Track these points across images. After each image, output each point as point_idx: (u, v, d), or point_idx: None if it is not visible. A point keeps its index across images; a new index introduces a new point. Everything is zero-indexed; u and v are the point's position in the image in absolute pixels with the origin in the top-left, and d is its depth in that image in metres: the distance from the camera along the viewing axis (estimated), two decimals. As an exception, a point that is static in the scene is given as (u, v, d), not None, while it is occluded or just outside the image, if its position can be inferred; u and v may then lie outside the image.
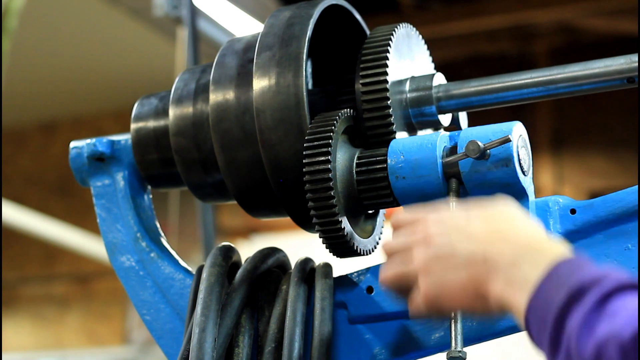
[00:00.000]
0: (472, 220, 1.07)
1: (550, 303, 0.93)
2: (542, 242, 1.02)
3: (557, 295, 0.93)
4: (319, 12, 1.37)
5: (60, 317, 7.38)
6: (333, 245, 1.31)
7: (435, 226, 1.08)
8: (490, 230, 1.04)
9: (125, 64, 6.61)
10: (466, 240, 1.05)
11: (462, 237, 1.05)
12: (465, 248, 1.04)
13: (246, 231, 6.63)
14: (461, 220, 1.07)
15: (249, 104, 1.36)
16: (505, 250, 1.01)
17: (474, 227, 1.05)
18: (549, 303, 0.94)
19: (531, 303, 0.96)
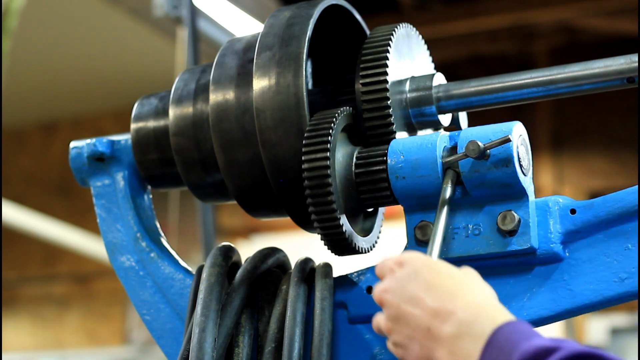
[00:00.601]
0: (423, 285, 1.07)
1: None
2: (488, 309, 1.02)
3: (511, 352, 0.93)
4: (319, 12, 1.37)
5: (60, 317, 7.38)
6: (332, 243, 1.31)
7: (393, 291, 1.10)
8: (438, 299, 1.05)
9: (125, 64, 6.61)
10: (415, 308, 1.06)
11: (411, 306, 1.07)
12: (413, 319, 1.06)
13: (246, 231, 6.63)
14: (414, 286, 1.08)
15: (249, 104, 1.36)
16: (447, 326, 1.02)
17: (423, 294, 1.06)
18: None
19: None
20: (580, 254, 1.28)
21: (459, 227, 1.29)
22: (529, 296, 1.29)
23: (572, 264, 1.28)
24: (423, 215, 1.30)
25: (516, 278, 1.30)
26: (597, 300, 1.26)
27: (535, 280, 1.29)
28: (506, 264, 1.30)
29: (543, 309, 1.28)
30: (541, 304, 1.28)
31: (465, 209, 1.28)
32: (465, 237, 1.28)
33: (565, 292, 1.27)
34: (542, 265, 1.29)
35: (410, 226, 1.31)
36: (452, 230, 1.29)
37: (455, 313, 1.02)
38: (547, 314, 1.28)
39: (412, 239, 1.31)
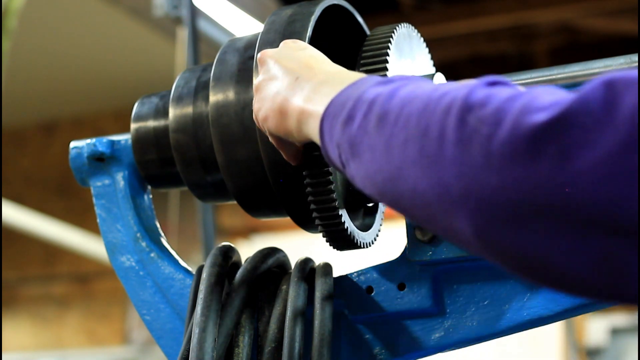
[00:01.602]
0: (301, 49, 1.16)
1: (351, 95, 0.96)
2: (352, 76, 1.06)
3: (365, 84, 0.96)
4: (320, 10, 1.37)
5: (60, 317, 7.38)
6: (332, 237, 1.31)
7: (274, 53, 1.18)
8: (310, 57, 1.13)
9: (125, 64, 6.61)
10: (289, 61, 1.13)
11: (288, 59, 1.14)
12: (285, 67, 1.13)
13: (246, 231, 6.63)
14: (293, 49, 1.17)
15: (249, 100, 1.36)
16: (316, 76, 1.08)
17: (300, 54, 1.14)
18: (349, 96, 0.96)
19: (329, 106, 1.00)
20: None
21: (459, 227, 1.29)
22: (529, 296, 1.29)
23: (572, 264, 1.28)
24: (423, 215, 1.30)
25: (516, 278, 1.30)
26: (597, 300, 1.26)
27: (535, 280, 1.29)
28: (506, 264, 1.29)
29: (543, 309, 1.28)
30: (541, 304, 1.28)
31: (465, 209, 1.28)
32: (465, 237, 1.28)
33: (565, 292, 1.27)
34: (542, 265, 1.29)
35: (410, 226, 1.31)
36: (452, 230, 1.29)
37: (324, 71, 1.09)
38: (547, 314, 1.28)
39: (412, 239, 1.31)
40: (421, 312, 1.33)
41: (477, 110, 0.79)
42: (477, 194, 0.78)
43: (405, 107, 0.86)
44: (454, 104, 0.81)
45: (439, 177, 0.81)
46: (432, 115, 0.82)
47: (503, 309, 1.29)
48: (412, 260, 1.31)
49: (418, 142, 0.83)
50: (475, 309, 1.31)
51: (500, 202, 0.76)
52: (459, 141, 0.79)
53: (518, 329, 1.30)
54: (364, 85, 0.96)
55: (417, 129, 0.83)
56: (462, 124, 0.79)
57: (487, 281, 1.31)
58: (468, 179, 0.78)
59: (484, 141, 0.77)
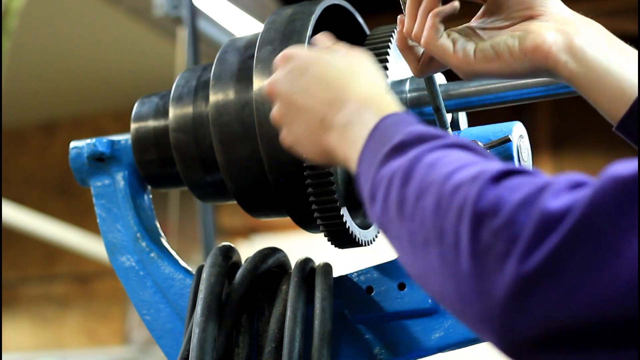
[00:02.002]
0: (315, 78, 1.08)
1: (373, 157, 0.93)
2: (378, 100, 1.03)
3: (381, 149, 0.93)
4: (320, 10, 1.37)
5: (60, 317, 7.38)
6: (333, 234, 1.31)
7: (283, 82, 1.10)
8: (331, 90, 1.05)
9: (125, 64, 6.61)
10: (303, 97, 1.07)
11: (303, 98, 1.07)
12: (303, 105, 1.07)
13: (246, 231, 6.63)
14: (305, 80, 1.08)
15: (249, 98, 1.36)
16: (339, 115, 1.03)
17: (315, 87, 1.07)
18: (373, 157, 0.94)
19: (360, 159, 0.97)
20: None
21: (459, 227, 1.29)
22: (529, 296, 1.29)
23: (572, 264, 1.28)
24: (423, 215, 1.30)
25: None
26: (597, 300, 1.26)
27: (535, 280, 1.29)
28: (506, 264, 1.29)
29: (543, 309, 1.28)
30: (541, 304, 1.28)
31: (465, 209, 1.28)
32: (465, 237, 1.28)
33: (565, 292, 1.27)
34: (542, 265, 1.29)
35: (410, 226, 1.31)
36: (452, 230, 1.29)
37: (348, 104, 1.03)
38: (547, 314, 1.28)
39: (412, 239, 1.31)
40: (421, 312, 1.33)
41: (489, 221, 0.75)
42: (499, 317, 0.75)
43: (420, 200, 0.83)
44: (465, 209, 0.77)
45: (461, 292, 0.78)
46: (445, 217, 0.79)
47: (503, 309, 1.29)
48: (412, 260, 1.31)
49: (437, 247, 0.80)
50: (475, 309, 1.31)
51: (524, 326, 0.74)
52: (473, 255, 0.76)
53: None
54: (381, 148, 0.93)
55: (434, 231, 0.80)
56: (475, 237, 0.76)
57: (487, 281, 1.31)
58: (488, 300, 0.75)
59: (500, 260, 0.74)
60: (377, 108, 1.00)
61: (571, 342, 0.72)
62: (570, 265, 0.71)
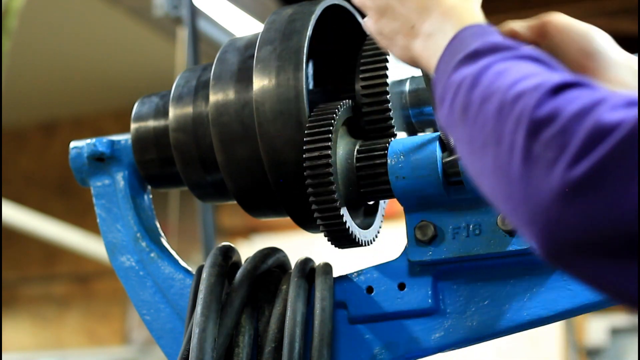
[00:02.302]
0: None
1: (448, 64, 0.99)
2: (461, 11, 1.08)
3: (455, 56, 0.98)
4: (320, 10, 1.37)
5: (60, 317, 7.38)
6: (333, 234, 1.31)
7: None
8: None
9: (125, 64, 6.61)
10: (402, 6, 1.13)
11: (399, 2, 1.14)
12: (401, 16, 1.14)
13: (246, 231, 6.63)
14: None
15: (249, 98, 1.36)
16: (426, 24, 1.10)
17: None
18: (447, 64, 0.99)
19: (437, 66, 1.03)
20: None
21: (459, 227, 1.29)
22: (529, 296, 1.29)
23: (572, 264, 1.28)
24: (423, 215, 1.30)
25: (516, 278, 1.30)
26: (597, 300, 1.26)
27: (535, 280, 1.29)
28: (506, 264, 1.30)
29: (543, 309, 1.28)
30: (541, 304, 1.28)
31: (465, 209, 1.29)
32: (465, 237, 1.28)
33: (565, 292, 1.28)
34: (542, 265, 1.29)
35: (410, 226, 1.31)
36: (452, 230, 1.29)
37: (433, 14, 1.09)
38: (547, 314, 1.28)
39: (412, 239, 1.31)
40: (421, 312, 1.33)
41: (544, 129, 0.79)
42: (542, 220, 0.78)
43: (484, 104, 0.88)
44: (524, 115, 0.82)
45: (510, 193, 0.82)
46: (505, 123, 0.84)
47: (503, 309, 1.29)
48: (412, 261, 1.31)
49: (493, 150, 0.85)
50: (475, 309, 1.31)
51: (565, 232, 0.77)
52: (526, 160, 0.80)
53: (518, 329, 1.30)
54: (455, 56, 0.98)
55: (492, 135, 0.85)
56: (529, 143, 0.80)
57: (487, 281, 1.31)
58: (534, 202, 0.79)
59: (549, 166, 0.78)
60: (459, 19, 1.06)
61: (609, 251, 0.75)
62: (615, 176, 0.74)
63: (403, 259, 1.35)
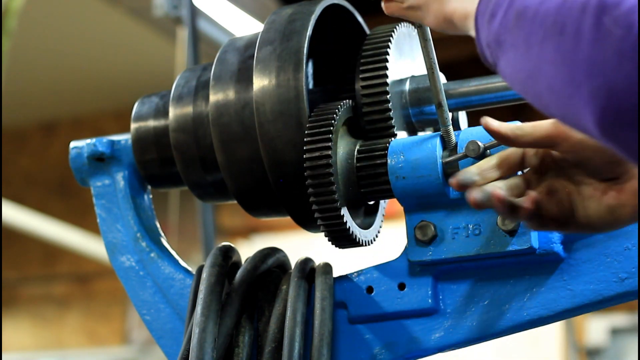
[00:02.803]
0: None
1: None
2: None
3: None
4: (320, 9, 1.37)
5: (60, 317, 7.38)
6: (333, 234, 1.31)
7: None
8: None
9: (125, 64, 6.61)
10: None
11: None
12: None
13: (246, 231, 6.63)
14: None
15: (249, 99, 1.36)
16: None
17: None
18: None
19: (478, 4, 1.02)
20: (580, 254, 1.28)
21: (459, 227, 1.29)
22: (529, 296, 1.29)
23: (572, 264, 1.28)
24: (423, 215, 1.30)
25: (516, 278, 1.30)
26: (597, 300, 1.26)
27: (535, 280, 1.29)
28: (506, 264, 1.30)
29: (543, 309, 1.28)
30: (541, 304, 1.28)
31: (465, 209, 1.28)
32: (465, 237, 1.28)
33: (565, 292, 1.28)
34: (542, 265, 1.29)
35: (410, 226, 1.31)
36: (452, 230, 1.29)
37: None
38: (547, 314, 1.28)
39: (412, 239, 1.31)
40: (421, 312, 1.33)
41: (612, 10, 0.81)
42: (606, 93, 0.80)
43: (543, 3, 0.89)
44: (590, 3, 0.83)
45: (572, 75, 0.84)
46: (569, 13, 0.85)
47: (503, 309, 1.29)
48: (412, 261, 1.31)
49: (555, 40, 0.86)
50: (475, 309, 1.31)
51: (627, 103, 0.79)
52: (594, 41, 0.82)
53: (518, 329, 1.30)
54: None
55: (554, 26, 0.86)
56: (597, 25, 0.81)
57: (487, 281, 1.31)
58: (599, 78, 0.81)
59: (617, 42, 0.79)
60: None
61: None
62: None
63: (403, 259, 1.35)
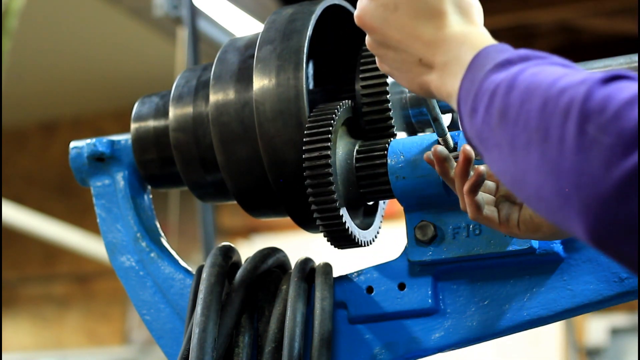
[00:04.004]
0: (409, 13, 1.08)
1: (475, 77, 0.96)
2: (475, 36, 1.04)
3: (483, 68, 0.95)
4: (321, 9, 1.37)
5: (60, 317, 7.38)
6: (332, 235, 1.31)
7: (374, 15, 1.11)
8: (427, 29, 1.07)
9: (125, 64, 6.61)
10: (396, 32, 1.08)
11: (399, 34, 1.08)
12: (398, 42, 1.09)
13: (246, 231, 6.63)
14: (398, 15, 1.09)
15: (249, 98, 1.36)
16: (438, 56, 1.05)
17: (410, 23, 1.08)
18: (474, 77, 0.96)
19: (461, 84, 0.99)
20: (580, 254, 1.28)
21: (460, 227, 1.29)
22: (529, 296, 1.29)
23: (572, 264, 1.28)
24: (423, 215, 1.30)
25: (516, 278, 1.30)
26: (597, 300, 1.26)
27: (535, 280, 1.29)
28: (506, 264, 1.30)
29: (543, 309, 1.28)
30: (541, 304, 1.28)
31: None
32: (465, 237, 1.28)
33: (565, 292, 1.28)
34: (542, 265, 1.29)
35: (410, 226, 1.31)
36: (452, 230, 1.29)
37: (445, 44, 1.05)
38: (547, 314, 1.28)
39: (412, 239, 1.31)
40: (421, 312, 1.33)
41: (597, 117, 0.78)
42: (596, 207, 0.78)
43: (525, 104, 0.86)
44: (573, 107, 0.80)
45: (560, 186, 0.81)
46: (551, 118, 0.82)
47: (503, 309, 1.30)
48: (412, 261, 1.31)
49: (539, 147, 0.83)
50: (475, 309, 1.31)
51: (620, 216, 0.76)
52: (579, 150, 0.79)
53: (518, 329, 1.30)
54: (484, 68, 0.96)
55: (537, 132, 0.83)
56: (581, 132, 0.79)
57: (487, 281, 1.31)
58: (588, 191, 0.78)
59: (605, 152, 0.77)
60: (473, 43, 1.02)
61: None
62: None
63: (403, 259, 1.35)
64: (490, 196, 1.16)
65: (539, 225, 1.14)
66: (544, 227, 1.14)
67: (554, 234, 1.15)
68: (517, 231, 1.15)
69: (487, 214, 1.14)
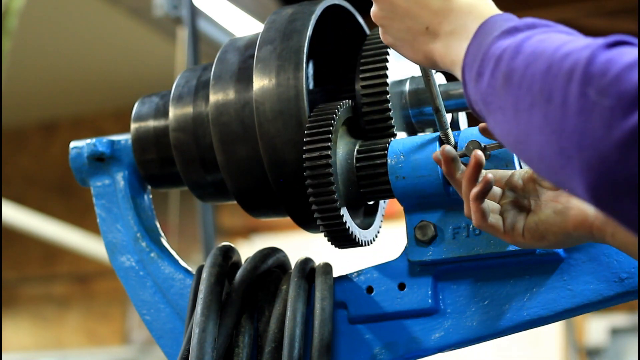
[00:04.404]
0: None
1: (481, 43, 0.98)
2: (482, 7, 1.07)
3: (490, 35, 0.97)
4: (321, 9, 1.37)
5: (60, 317, 7.38)
6: (332, 234, 1.31)
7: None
8: (431, 2, 1.09)
9: (125, 64, 6.61)
10: (411, 5, 1.11)
11: (406, 2, 1.11)
12: (406, 9, 1.11)
13: (246, 231, 6.63)
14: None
15: (249, 98, 1.36)
16: (444, 25, 1.08)
17: None
18: (480, 44, 0.98)
19: (467, 51, 1.01)
20: (580, 253, 1.28)
21: (460, 227, 1.29)
22: (529, 296, 1.29)
23: (572, 264, 1.28)
24: (423, 215, 1.30)
25: (516, 278, 1.30)
26: (597, 300, 1.26)
27: (535, 280, 1.29)
28: (506, 264, 1.30)
29: (543, 309, 1.28)
30: (541, 304, 1.28)
31: (465, 209, 1.28)
32: (465, 237, 1.28)
33: (565, 292, 1.28)
34: (542, 265, 1.29)
35: (410, 226, 1.31)
36: (452, 230, 1.29)
37: (452, 12, 1.07)
38: (547, 314, 1.28)
39: (412, 239, 1.31)
40: (421, 312, 1.33)
41: (598, 80, 0.80)
42: (597, 167, 0.79)
43: (530, 67, 0.88)
44: (576, 70, 0.82)
45: (562, 146, 0.83)
46: (555, 80, 0.84)
47: (503, 309, 1.30)
48: (412, 261, 1.31)
49: (543, 108, 0.85)
50: (475, 309, 1.31)
51: (620, 176, 0.78)
52: (581, 111, 0.80)
53: (518, 329, 1.30)
54: (491, 34, 0.98)
55: (541, 94, 0.85)
56: (583, 94, 0.80)
57: (487, 281, 1.31)
58: (589, 151, 0.80)
59: (606, 114, 0.78)
60: (480, 14, 1.05)
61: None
62: None
63: (403, 259, 1.35)
64: (496, 204, 1.16)
65: (544, 233, 1.13)
66: (549, 235, 1.13)
67: (559, 242, 1.14)
68: (522, 239, 1.15)
69: (492, 222, 1.14)
